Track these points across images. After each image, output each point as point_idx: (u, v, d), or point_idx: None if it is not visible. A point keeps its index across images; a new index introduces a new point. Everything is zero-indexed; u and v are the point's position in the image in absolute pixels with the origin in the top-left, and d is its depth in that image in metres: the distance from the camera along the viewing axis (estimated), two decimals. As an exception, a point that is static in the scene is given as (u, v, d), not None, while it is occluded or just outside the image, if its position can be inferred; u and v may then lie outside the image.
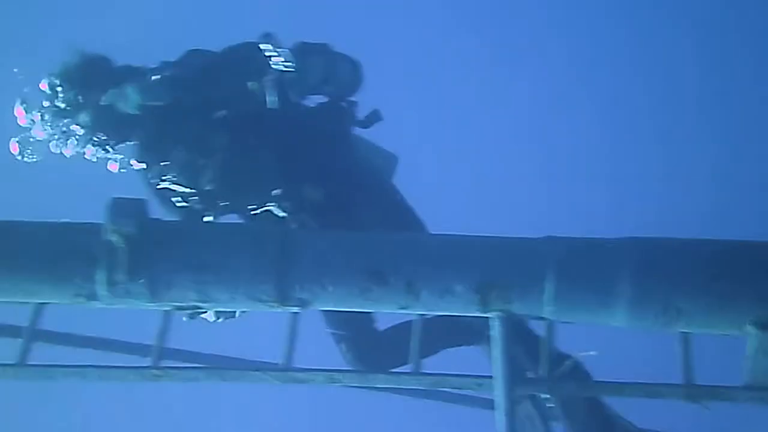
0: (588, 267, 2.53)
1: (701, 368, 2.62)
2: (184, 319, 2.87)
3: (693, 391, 2.58)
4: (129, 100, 3.37)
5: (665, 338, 2.66)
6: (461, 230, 2.73)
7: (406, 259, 2.59)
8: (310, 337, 2.88)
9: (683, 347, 2.61)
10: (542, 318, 2.58)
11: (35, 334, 2.78)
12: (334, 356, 3.79)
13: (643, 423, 3.59)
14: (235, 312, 3.18)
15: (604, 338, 3.02)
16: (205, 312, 2.76)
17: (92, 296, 2.58)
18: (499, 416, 2.55)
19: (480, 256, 2.60)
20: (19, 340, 2.80)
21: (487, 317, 2.56)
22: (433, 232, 2.78)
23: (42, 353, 2.83)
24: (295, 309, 2.63)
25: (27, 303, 2.73)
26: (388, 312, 2.67)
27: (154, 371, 2.68)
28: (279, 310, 2.64)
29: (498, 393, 2.56)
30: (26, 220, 2.67)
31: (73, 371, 2.68)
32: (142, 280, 2.54)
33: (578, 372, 3.05)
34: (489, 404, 2.86)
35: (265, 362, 3.75)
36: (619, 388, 2.63)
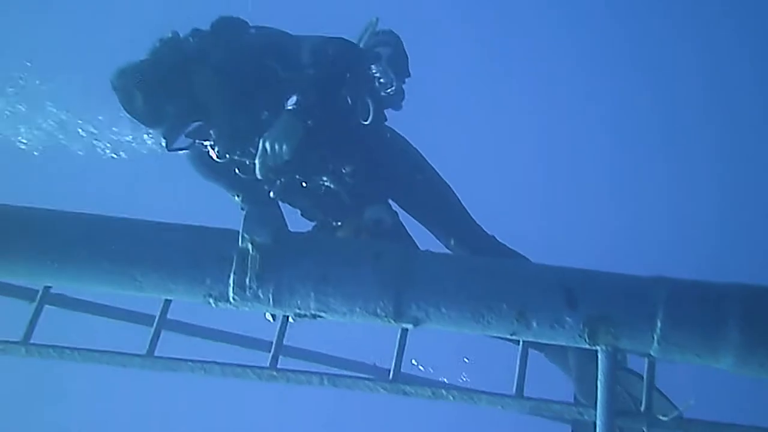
0: (697, 309, 2.59)
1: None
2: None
3: (793, 439, 2.62)
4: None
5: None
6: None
7: (520, 287, 2.69)
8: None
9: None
10: (648, 356, 2.65)
11: (163, 326, 2.97)
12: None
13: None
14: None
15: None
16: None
17: (221, 298, 2.75)
18: (599, 444, 2.63)
19: (591, 290, 2.68)
20: (144, 327, 2.98)
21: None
22: (545, 263, 2.86)
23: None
24: (409, 326, 2.75)
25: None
26: (496, 336, 2.76)
27: (273, 372, 2.83)
28: (393, 325, 2.76)
29: (600, 424, 2.64)
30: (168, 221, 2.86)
31: (199, 366, 2.85)
32: (270, 287, 2.69)
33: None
34: None
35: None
36: (723, 429, 2.69)
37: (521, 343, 2.84)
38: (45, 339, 2.93)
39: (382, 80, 3.43)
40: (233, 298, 2.75)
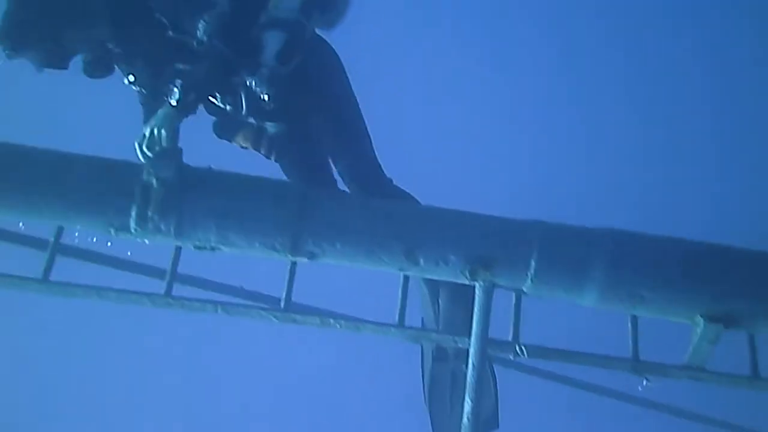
0: (568, 251, 2.88)
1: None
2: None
3: (639, 366, 2.97)
4: None
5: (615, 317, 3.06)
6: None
7: (409, 227, 2.90)
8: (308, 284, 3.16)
9: (633, 328, 3.00)
10: (521, 292, 2.92)
11: (58, 250, 3.01)
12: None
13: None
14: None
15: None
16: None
17: (122, 228, 2.84)
18: (471, 371, 2.89)
19: (474, 231, 2.93)
20: (42, 254, 3.02)
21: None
22: (433, 206, 3.07)
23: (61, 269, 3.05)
24: (304, 260, 2.92)
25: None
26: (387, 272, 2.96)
27: (168, 299, 2.95)
28: (290, 259, 2.92)
29: (473, 351, 2.90)
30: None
31: (94, 291, 2.94)
32: (172, 220, 2.80)
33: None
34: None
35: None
36: (579, 357, 3.01)
37: (402, 277, 3.05)
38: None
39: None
40: (134, 230, 2.84)
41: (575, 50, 11.69)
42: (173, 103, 3.03)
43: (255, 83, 3.31)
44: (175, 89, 3.12)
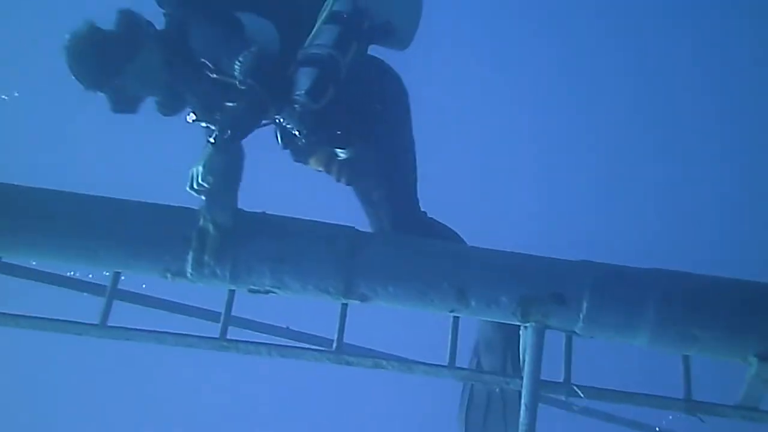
0: (620, 292, 2.89)
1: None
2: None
3: (692, 406, 2.97)
4: None
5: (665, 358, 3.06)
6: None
7: (460, 269, 2.94)
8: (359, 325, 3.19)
9: (685, 368, 3.00)
10: (573, 332, 2.94)
11: (116, 296, 3.08)
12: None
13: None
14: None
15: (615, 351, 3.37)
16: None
17: (179, 274, 2.90)
18: (524, 411, 2.90)
19: (524, 272, 2.95)
20: (99, 299, 3.09)
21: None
22: (482, 246, 3.11)
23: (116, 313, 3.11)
24: (356, 302, 2.96)
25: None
26: (436, 313, 3.00)
27: (223, 342, 3.00)
28: (342, 302, 2.97)
29: (526, 392, 2.92)
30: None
31: (152, 336, 3.00)
32: (227, 265, 2.86)
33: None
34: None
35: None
36: (632, 397, 3.01)
37: (452, 318, 3.08)
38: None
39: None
40: (190, 275, 2.90)
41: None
42: (211, 141, 3.10)
43: (285, 120, 3.38)
44: (214, 128, 3.22)
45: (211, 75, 3.42)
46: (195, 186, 3.02)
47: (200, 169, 3.04)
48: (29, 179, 2.99)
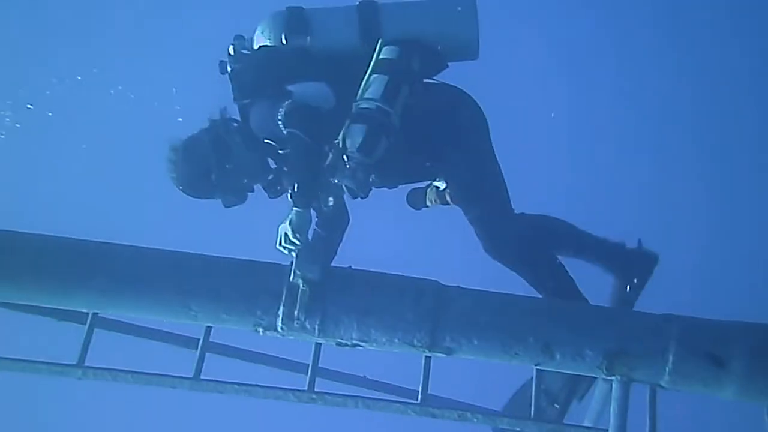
0: (706, 345, 2.90)
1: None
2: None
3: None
4: None
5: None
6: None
7: (544, 322, 2.98)
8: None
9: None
10: (659, 386, 2.94)
11: (207, 349, 3.18)
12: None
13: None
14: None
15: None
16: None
17: (269, 327, 3.00)
18: (611, 464, 2.91)
19: (609, 325, 2.98)
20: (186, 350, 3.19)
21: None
22: (567, 301, 3.14)
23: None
24: (441, 355, 3.01)
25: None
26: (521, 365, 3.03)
27: (312, 395, 3.07)
28: (427, 354, 3.02)
29: (612, 445, 2.93)
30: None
31: (243, 389, 3.08)
32: (317, 319, 2.94)
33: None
34: None
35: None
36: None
37: (535, 370, 3.11)
38: (96, 362, 3.12)
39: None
40: (281, 328, 2.99)
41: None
42: (290, 199, 3.22)
43: (338, 178, 3.48)
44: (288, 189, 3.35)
45: (279, 152, 3.56)
46: (284, 243, 3.12)
47: (288, 227, 3.15)
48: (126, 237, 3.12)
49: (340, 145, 3.43)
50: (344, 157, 3.44)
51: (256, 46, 3.73)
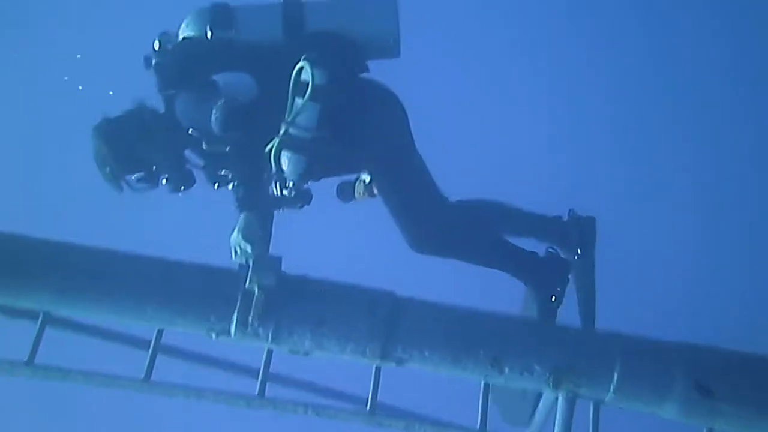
0: (650, 364, 2.98)
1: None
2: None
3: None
4: None
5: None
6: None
7: (495, 336, 3.03)
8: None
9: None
10: (602, 402, 3.02)
11: (159, 351, 3.19)
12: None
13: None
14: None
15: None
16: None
17: (223, 332, 3.01)
18: (554, 477, 2.98)
19: (557, 342, 3.05)
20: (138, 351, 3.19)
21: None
22: (516, 317, 3.21)
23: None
24: (392, 365, 3.05)
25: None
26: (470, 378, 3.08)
27: (263, 401, 3.10)
28: (378, 364, 3.06)
29: (554, 457, 3.00)
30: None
31: (193, 391, 3.10)
32: (270, 326, 2.96)
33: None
34: None
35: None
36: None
37: (483, 385, 3.16)
38: (47, 360, 3.11)
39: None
40: (234, 334, 3.01)
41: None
42: (236, 207, 3.28)
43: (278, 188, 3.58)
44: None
45: (203, 146, 3.61)
46: (239, 253, 3.15)
47: (237, 236, 3.18)
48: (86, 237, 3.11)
49: (274, 167, 3.53)
50: (283, 178, 3.59)
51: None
